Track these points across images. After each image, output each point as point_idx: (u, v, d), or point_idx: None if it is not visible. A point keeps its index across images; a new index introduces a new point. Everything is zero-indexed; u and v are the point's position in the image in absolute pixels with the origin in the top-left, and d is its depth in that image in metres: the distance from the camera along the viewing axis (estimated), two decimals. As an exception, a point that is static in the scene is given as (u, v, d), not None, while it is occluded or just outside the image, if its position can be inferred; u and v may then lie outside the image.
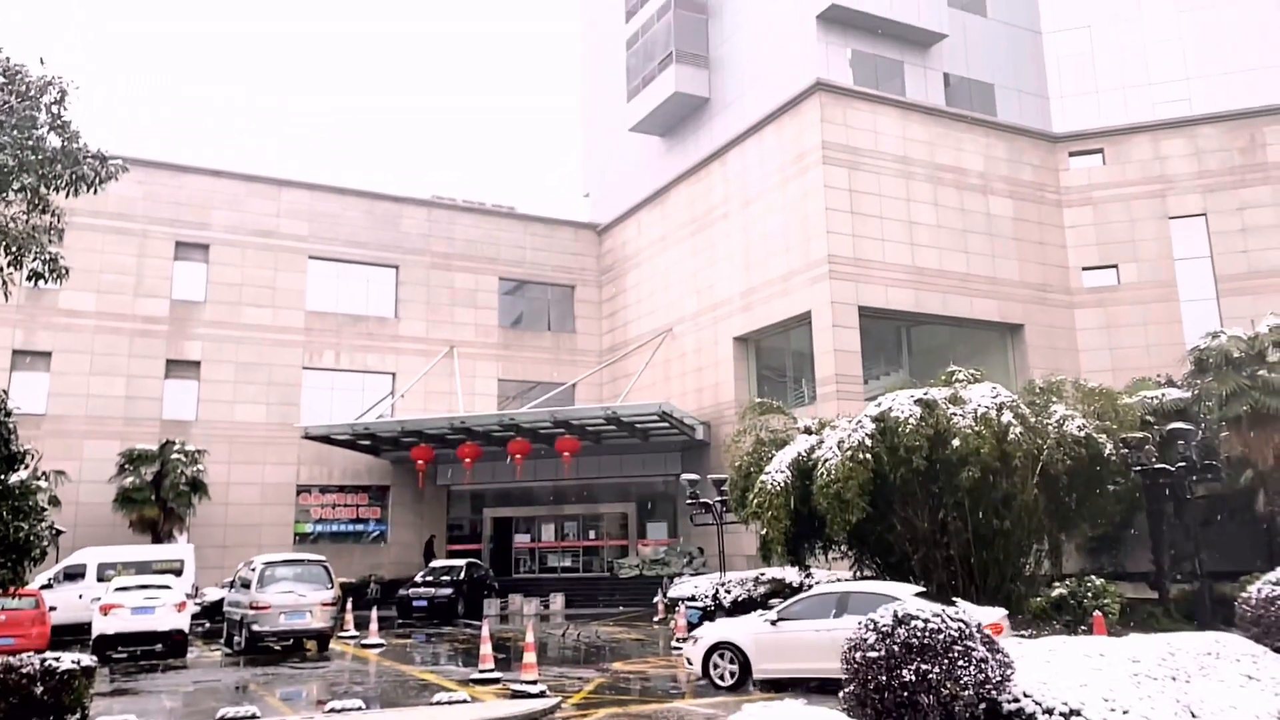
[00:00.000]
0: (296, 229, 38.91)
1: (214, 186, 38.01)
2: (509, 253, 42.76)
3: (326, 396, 37.98)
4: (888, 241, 31.66)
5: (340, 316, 39.03)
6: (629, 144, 44.31)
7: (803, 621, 15.00)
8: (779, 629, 15.16)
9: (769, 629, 15.30)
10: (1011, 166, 34.74)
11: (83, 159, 12.82)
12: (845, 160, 31.76)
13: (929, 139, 33.54)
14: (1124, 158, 34.89)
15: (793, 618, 15.22)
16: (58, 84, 12.67)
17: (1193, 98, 34.70)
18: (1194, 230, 33.56)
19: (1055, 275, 34.38)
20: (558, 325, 43.60)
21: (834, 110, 32.15)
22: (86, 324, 34.92)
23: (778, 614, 15.55)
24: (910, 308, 31.64)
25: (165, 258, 36.72)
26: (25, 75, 12.53)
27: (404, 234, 40.81)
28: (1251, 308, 29.47)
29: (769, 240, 33.37)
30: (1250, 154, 33.42)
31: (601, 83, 47.77)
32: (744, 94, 37.25)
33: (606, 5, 47.35)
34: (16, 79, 12.37)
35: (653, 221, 41.00)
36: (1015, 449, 18.68)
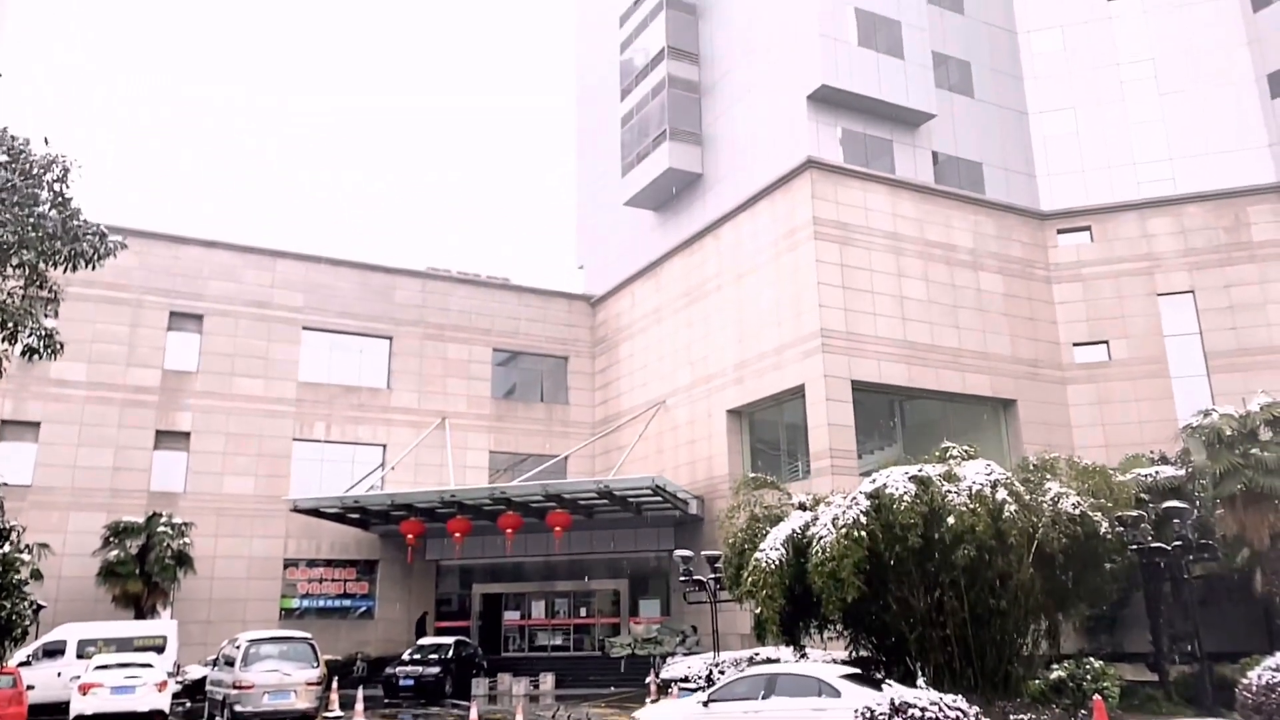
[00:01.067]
0: (291, 300, 39.03)
1: (209, 257, 38.21)
2: (503, 324, 42.91)
3: (316, 468, 37.69)
4: (880, 316, 31.88)
5: (332, 387, 38.93)
6: (623, 218, 44.81)
7: (733, 703, 15.41)
8: (710, 710, 15.35)
9: (701, 711, 15.50)
10: (1001, 243, 35.19)
11: (82, 235, 12.93)
12: (837, 236, 32.13)
13: (919, 215, 34.01)
14: (1111, 235, 35.39)
15: (724, 699, 15.62)
16: (61, 162, 12.84)
17: (1177, 177, 35.33)
18: (1183, 307, 33.90)
19: (1046, 351, 34.59)
20: (551, 397, 43.56)
21: (825, 187, 32.64)
22: (77, 394, 34.76)
23: (709, 695, 15.84)
24: (903, 382, 31.72)
25: (159, 328, 36.72)
26: (29, 154, 12.71)
27: (398, 305, 40.96)
28: (1243, 385, 29.63)
29: (762, 314, 33.57)
30: (1235, 233, 33.94)
31: (596, 158, 48.48)
32: (737, 170, 37.81)
33: (601, 83, 48.27)
34: (21, 157, 12.54)
35: (646, 294, 41.26)
36: (1010, 527, 18.55)
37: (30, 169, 12.57)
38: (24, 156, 12.58)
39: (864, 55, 34.63)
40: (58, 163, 12.74)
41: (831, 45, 34.07)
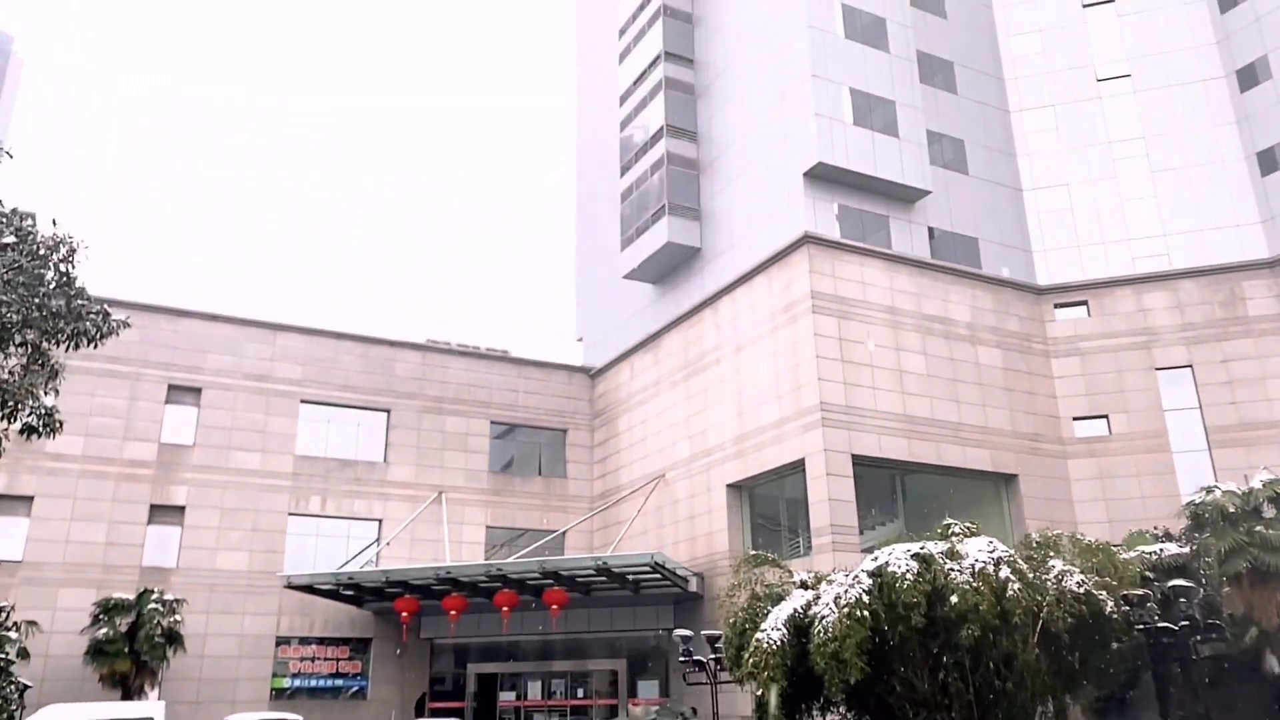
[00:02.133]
0: (290, 373, 39.04)
1: (210, 330, 38.32)
2: (501, 396, 42.87)
3: (311, 543, 37.30)
4: (879, 390, 31.88)
5: (329, 461, 38.72)
6: (622, 291, 45.07)
7: None
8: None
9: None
10: (998, 317, 35.38)
11: (85, 315, 12.99)
12: (835, 310, 32.30)
13: (916, 290, 34.24)
14: (1108, 310, 35.61)
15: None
16: (67, 242, 12.97)
17: (1171, 253, 35.69)
18: (1182, 382, 33.94)
19: (1046, 425, 34.52)
20: (549, 470, 43.31)
21: (822, 261, 32.91)
22: (72, 468, 34.53)
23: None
24: (903, 456, 31.59)
25: (157, 401, 36.65)
26: (36, 235, 12.82)
27: (397, 378, 40.97)
28: (1244, 460, 29.53)
29: (761, 387, 33.57)
30: (1231, 308, 34.15)
31: (596, 231, 48.97)
32: (735, 244, 38.14)
33: (601, 158, 49.01)
34: (29, 239, 12.64)
35: (645, 366, 41.32)
36: (1015, 606, 18.30)
37: (37, 249, 12.69)
38: (31, 238, 12.71)
39: (859, 134, 35.21)
40: (64, 243, 12.88)
41: (827, 124, 34.64)
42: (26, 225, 12.55)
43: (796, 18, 36.12)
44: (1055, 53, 39.74)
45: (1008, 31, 40.75)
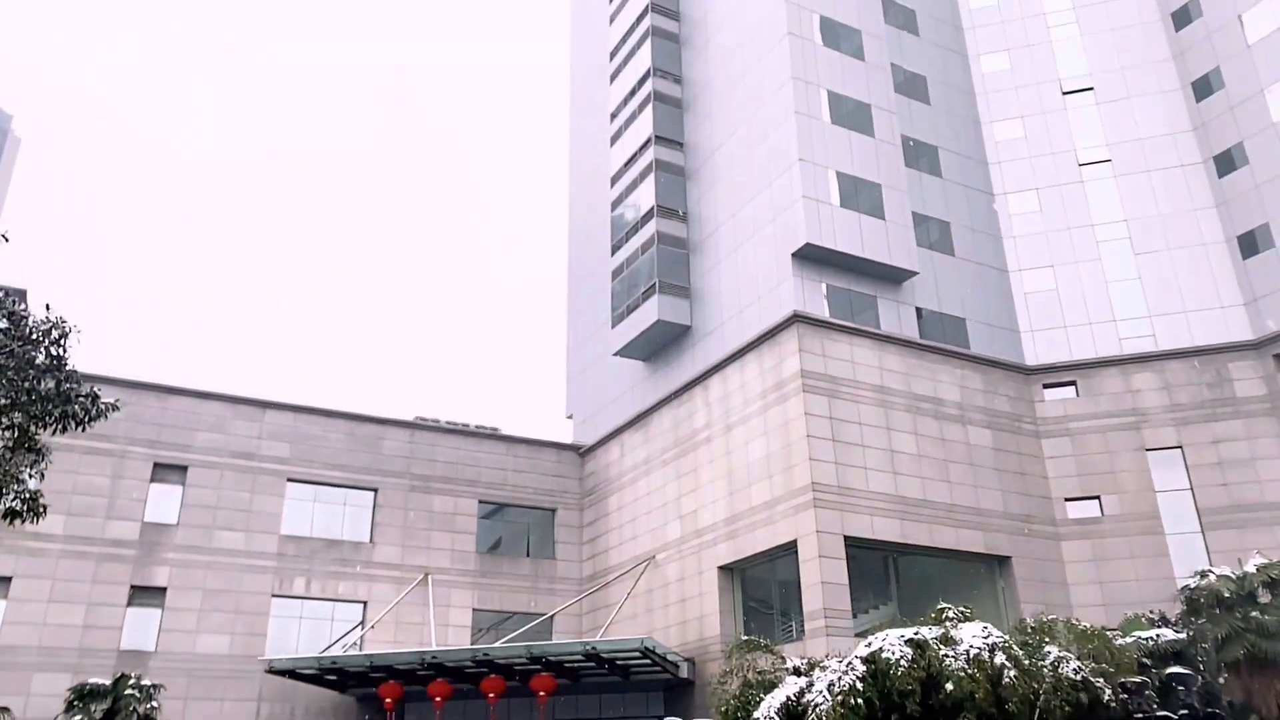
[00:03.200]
0: (277, 450, 38.74)
1: (198, 408, 38.11)
2: (490, 475, 42.54)
3: (294, 625, 36.58)
4: (870, 470, 31.78)
5: (314, 541, 38.20)
6: (613, 368, 45.13)
7: None
8: None
9: None
10: (987, 397, 35.49)
11: (74, 398, 12.91)
12: (825, 389, 32.37)
13: (905, 370, 34.39)
14: (1096, 390, 35.79)
15: None
16: (60, 326, 12.94)
17: (1158, 334, 36.04)
18: (1172, 463, 33.97)
19: (1038, 506, 34.39)
20: (537, 551, 42.77)
21: (812, 341, 33.08)
22: (53, 548, 33.95)
23: None
24: (896, 538, 31.35)
25: (141, 479, 36.25)
26: (29, 320, 12.81)
27: (385, 456, 40.67)
28: (1238, 542, 29.43)
29: (752, 467, 33.43)
30: (1219, 389, 34.37)
31: (587, 309, 49.23)
32: (725, 323, 38.35)
33: (592, 237, 49.52)
34: (22, 324, 12.62)
35: (635, 445, 41.16)
36: (1011, 693, 18.04)
37: (29, 333, 12.66)
38: (24, 322, 12.70)
39: (847, 216, 35.73)
40: (56, 326, 12.86)
41: (815, 206, 35.16)
42: (20, 310, 12.54)
43: (784, 104, 36.91)
44: (1037, 138, 40.64)
45: (989, 117, 41.71)
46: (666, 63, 45.11)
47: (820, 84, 37.50)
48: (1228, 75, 37.76)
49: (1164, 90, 39.73)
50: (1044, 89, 41.42)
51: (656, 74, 44.52)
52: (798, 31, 37.90)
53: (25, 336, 12.50)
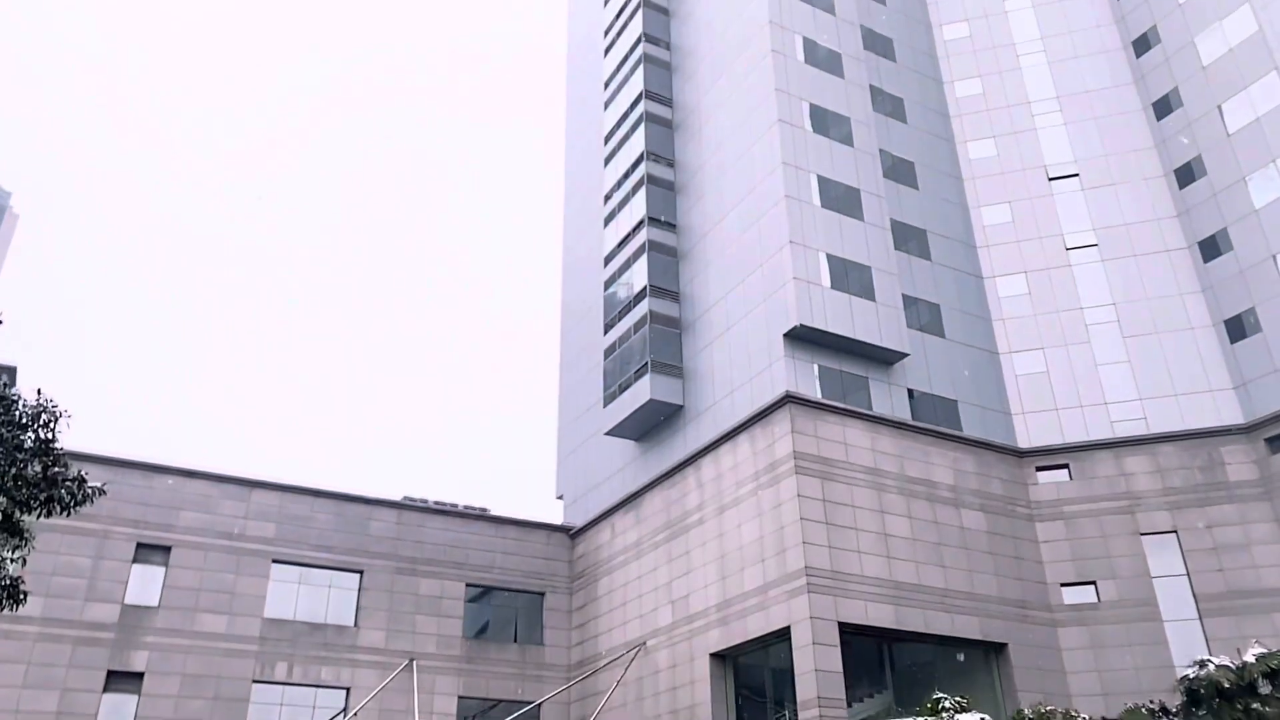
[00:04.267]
0: (263, 531, 38.16)
1: (183, 487, 37.61)
2: (478, 557, 41.90)
3: (275, 713, 35.56)
4: (864, 554, 31.43)
5: (298, 624, 37.37)
6: (604, 448, 44.87)
7: None
8: None
9: None
10: (981, 480, 35.33)
11: (61, 482, 12.69)
12: (818, 471, 32.17)
13: (898, 452, 34.27)
14: (1089, 473, 35.68)
15: None
16: (50, 410, 12.77)
17: (1149, 417, 36.10)
18: (1168, 547, 33.72)
19: (1034, 591, 33.99)
20: (525, 636, 41.91)
21: (804, 422, 32.99)
22: (30, 630, 33.10)
23: None
24: (891, 624, 30.84)
25: (124, 560, 35.56)
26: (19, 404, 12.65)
27: (372, 537, 40.08)
28: (1236, 629, 29.05)
29: (744, 550, 33.03)
30: (1211, 473, 34.31)
31: (578, 388, 49.15)
32: (717, 402, 38.29)
33: (585, 316, 49.70)
34: (12, 408, 12.46)
35: (626, 526, 40.69)
36: (1017, 792, 17.51)
37: (18, 418, 12.50)
38: (14, 406, 12.54)
39: (837, 297, 35.99)
40: (46, 410, 12.71)
41: (805, 288, 35.42)
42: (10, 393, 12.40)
43: (775, 188, 37.45)
44: (1025, 223, 41.26)
45: (977, 201, 42.40)
46: (660, 147, 45.90)
47: (810, 169, 38.12)
48: (1209, 163, 38.57)
49: (1147, 177, 40.52)
50: (1030, 175, 42.21)
51: (650, 158, 45.25)
52: (788, 119, 38.66)
53: (14, 420, 12.34)
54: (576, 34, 61.49)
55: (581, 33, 60.41)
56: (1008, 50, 45.20)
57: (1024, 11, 45.84)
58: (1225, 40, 39.20)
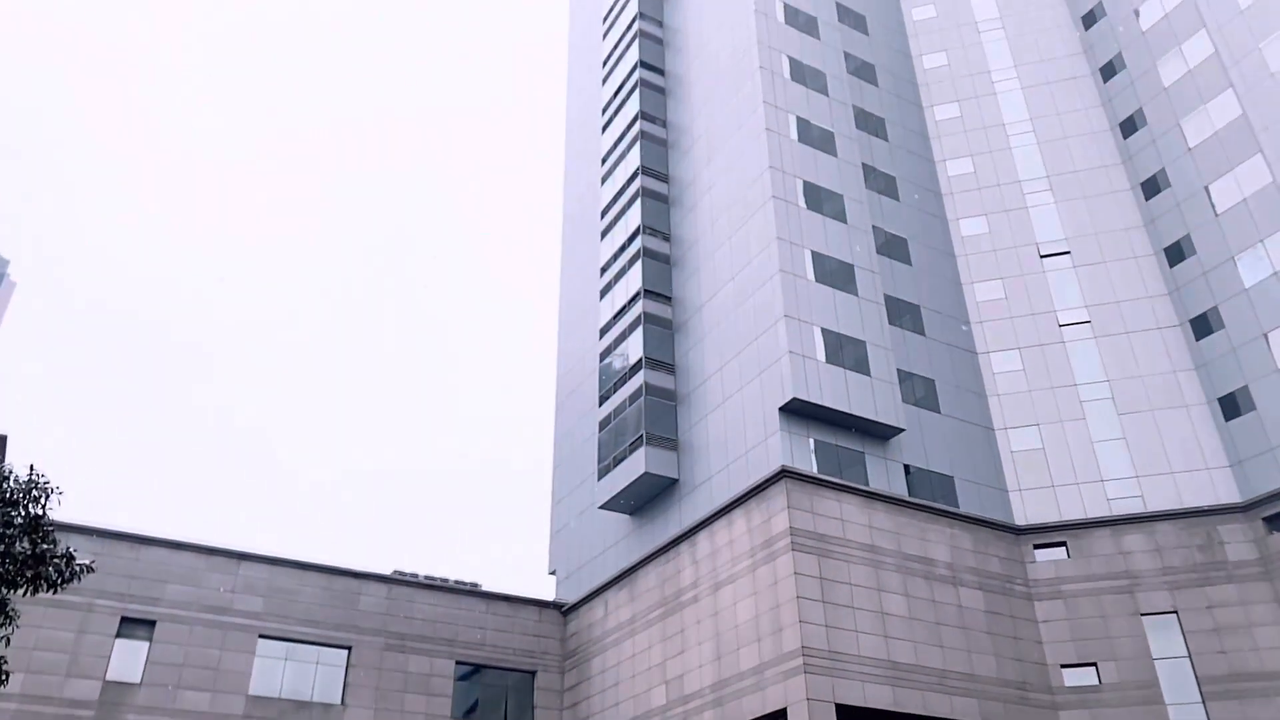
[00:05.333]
0: (250, 605, 37.49)
1: (171, 559, 37.05)
2: (468, 633, 41.15)
3: (257, 795, 34.50)
4: (862, 633, 30.95)
5: (283, 703, 36.50)
6: (598, 522, 44.45)
7: None
8: None
9: None
10: (978, 558, 35.00)
11: (49, 559, 12.47)
12: (814, 547, 31.85)
13: (895, 528, 33.99)
14: (1087, 551, 35.38)
15: None
16: (42, 487, 12.62)
17: (1146, 494, 35.94)
18: (1168, 628, 33.28)
19: (1034, 673, 33.43)
20: (515, 716, 40.93)
21: (800, 497, 32.77)
22: (7, 708, 32.24)
23: None
24: (889, 705, 30.24)
25: (107, 634, 34.83)
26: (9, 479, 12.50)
27: (361, 612, 39.39)
28: (1240, 713, 28.55)
29: (740, 628, 32.51)
30: (1210, 552, 34.04)
31: (572, 461, 48.87)
32: (712, 476, 38.06)
33: (580, 388, 49.66)
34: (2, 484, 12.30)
35: (620, 603, 40.09)
36: None
37: (10, 495, 12.33)
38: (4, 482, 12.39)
39: (833, 371, 36.06)
40: (38, 487, 12.56)
41: (801, 362, 35.51)
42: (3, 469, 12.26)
43: (769, 262, 37.79)
44: (1017, 299, 41.58)
45: (970, 278, 42.79)
46: (656, 221, 46.41)
47: (804, 244, 38.52)
48: (1198, 242, 39.07)
49: (1138, 255, 40.99)
50: (1022, 252, 42.69)
51: (646, 231, 45.71)
52: (782, 195, 39.20)
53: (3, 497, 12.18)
54: (574, 111, 62.64)
55: (579, 109, 61.55)
56: (998, 130, 46.10)
57: (1013, 94, 46.86)
58: (1210, 123, 40.04)
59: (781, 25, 44.84)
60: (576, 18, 67.26)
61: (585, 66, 62.21)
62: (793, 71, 43.55)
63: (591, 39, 61.64)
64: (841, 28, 47.60)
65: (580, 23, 65.96)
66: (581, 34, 64.95)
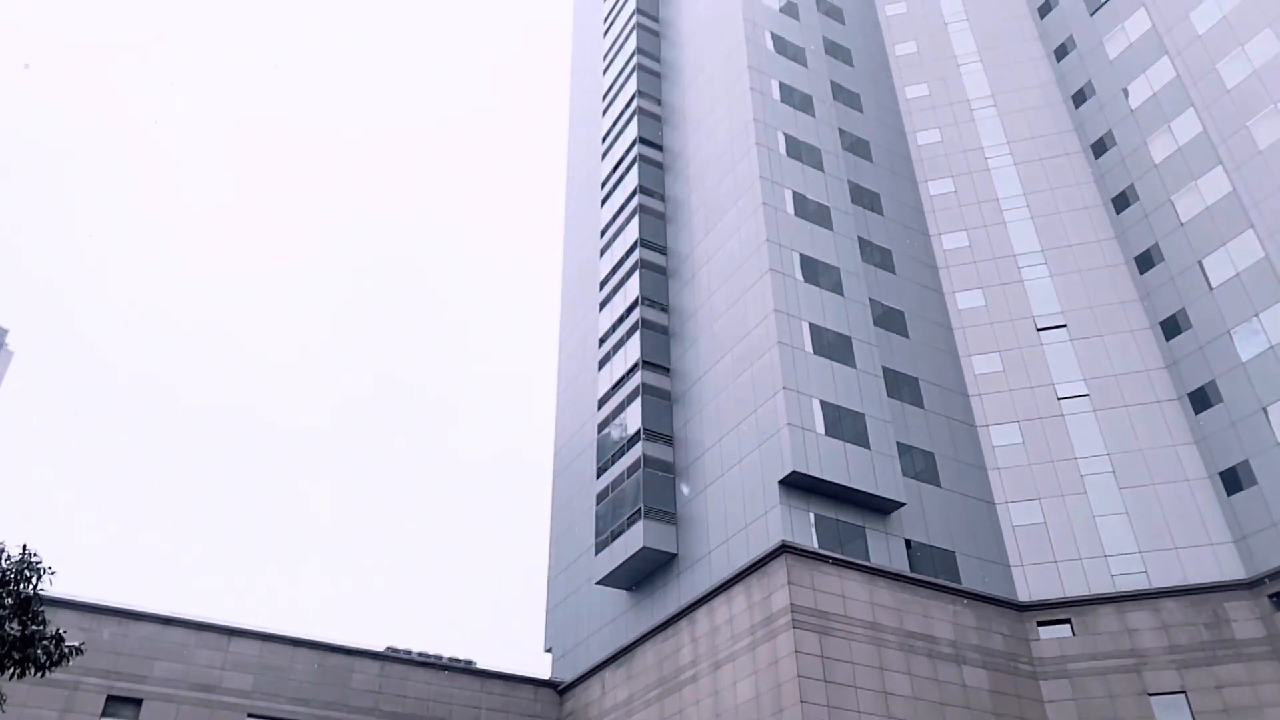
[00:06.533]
0: (240, 683, 36.70)
1: (160, 635, 36.37)
2: (463, 713, 40.25)
3: None
4: (864, 714, 30.29)
5: (271, 785, 35.53)
6: (595, 597, 43.81)
7: None
8: None
9: None
10: (981, 635, 34.43)
11: (38, 641, 12.19)
12: (816, 625, 31.34)
13: (897, 605, 33.51)
14: (1092, 628, 34.84)
15: None
16: (35, 568, 12.39)
17: (1149, 570, 35.53)
18: (1177, 709, 32.61)
19: (1042, 754, 32.67)
20: (510, 797, 39.91)
21: (801, 573, 32.34)
22: (-15, 791, 31.27)
23: None
24: (894, 790, 29.46)
25: (91, 714, 34.02)
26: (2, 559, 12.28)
27: (353, 690, 38.57)
28: (1254, 798, 27.74)
29: (740, 709, 31.82)
30: (1217, 630, 33.53)
31: (569, 536, 48.37)
32: (711, 551, 37.61)
33: (577, 460, 49.37)
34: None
35: (618, 682, 39.30)
36: None
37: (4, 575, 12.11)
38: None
39: (832, 444, 35.89)
40: (30, 568, 12.33)
41: (800, 434, 35.35)
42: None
43: (767, 334, 37.89)
44: (1015, 372, 41.63)
45: (967, 350, 42.88)
46: (654, 292, 46.67)
47: (802, 316, 38.67)
48: (1194, 316, 39.27)
49: (1134, 329, 41.17)
50: (1018, 325, 42.87)
51: (645, 302, 45.94)
52: (779, 267, 39.48)
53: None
54: (574, 185, 63.49)
55: (579, 184, 62.37)
56: (992, 205, 46.67)
57: (1006, 170, 47.56)
58: (1201, 199, 40.56)
59: (777, 103, 45.68)
60: (577, 93, 68.57)
61: (585, 142, 63.22)
62: (788, 147, 44.23)
63: (591, 114, 62.75)
64: (836, 105, 48.51)
65: (580, 100, 67.21)
66: (581, 112, 66.15)
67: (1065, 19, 50.64)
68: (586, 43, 69.09)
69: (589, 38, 68.53)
